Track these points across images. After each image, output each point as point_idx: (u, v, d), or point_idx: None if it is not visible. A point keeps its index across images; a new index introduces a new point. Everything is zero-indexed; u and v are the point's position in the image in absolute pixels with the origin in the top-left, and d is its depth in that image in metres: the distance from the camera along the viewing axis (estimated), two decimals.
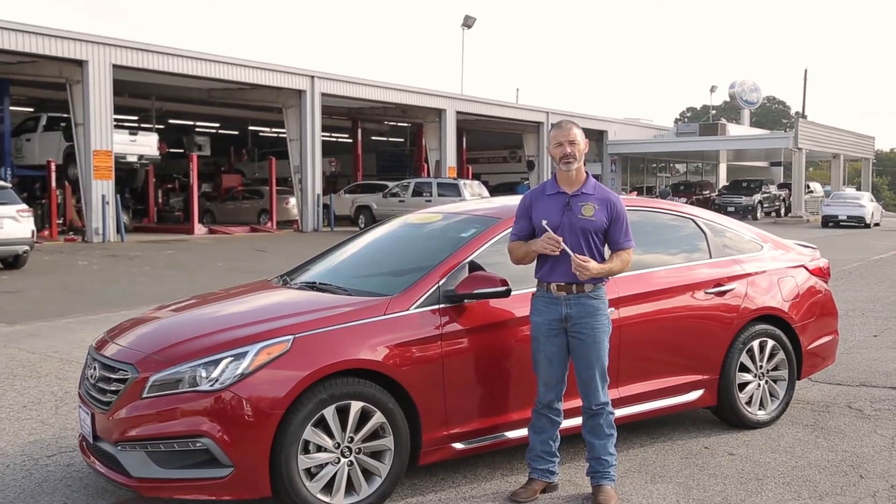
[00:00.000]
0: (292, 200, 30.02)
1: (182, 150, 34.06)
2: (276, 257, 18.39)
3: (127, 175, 27.71)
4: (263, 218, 30.38)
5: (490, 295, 4.31)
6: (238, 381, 3.83)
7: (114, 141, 23.15)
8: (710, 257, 5.49)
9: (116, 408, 3.98)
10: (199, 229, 26.37)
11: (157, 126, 31.25)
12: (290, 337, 3.97)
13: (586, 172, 4.28)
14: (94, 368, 4.28)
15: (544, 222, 4.13)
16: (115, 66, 23.08)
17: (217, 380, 3.85)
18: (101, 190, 22.62)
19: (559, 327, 4.21)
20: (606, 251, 4.28)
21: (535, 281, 4.32)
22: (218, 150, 38.05)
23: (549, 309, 4.21)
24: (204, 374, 3.86)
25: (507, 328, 4.49)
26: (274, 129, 39.55)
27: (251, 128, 40.19)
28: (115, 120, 24.22)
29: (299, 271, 5.39)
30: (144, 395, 3.91)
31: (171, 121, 35.58)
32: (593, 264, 4.10)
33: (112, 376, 4.11)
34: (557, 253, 4.09)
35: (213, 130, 39.29)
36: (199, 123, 37.60)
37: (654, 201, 5.81)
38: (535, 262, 4.29)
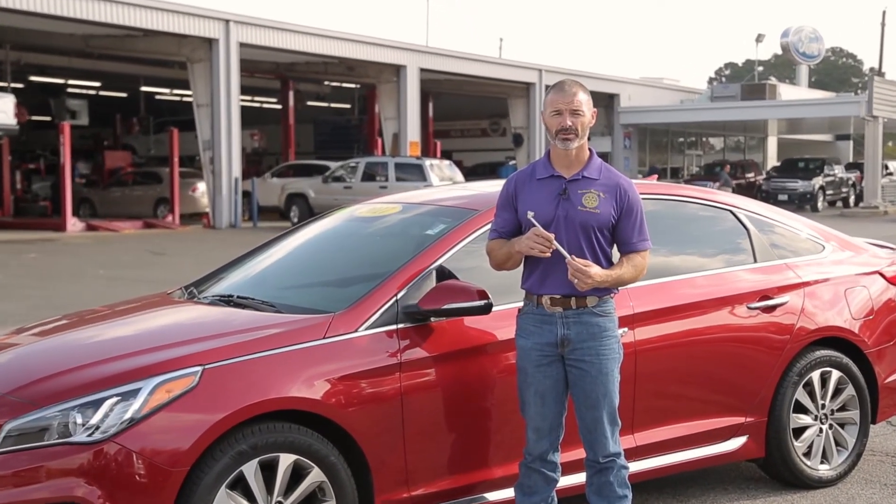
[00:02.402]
0: (201, 186, 29.88)
1: (49, 118, 33.70)
2: (179, 263, 18.29)
3: None
4: (162, 210, 30.20)
5: (464, 311, 4.33)
6: (126, 428, 3.81)
7: None
8: (755, 261, 5.55)
9: None
10: (74, 225, 26.15)
11: (13, 85, 30.91)
12: (198, 368, 3.97)
13: (590, 150, 4.31)
14: None
15: (530, 215, 4.15)
16: None
17: (97, 427, 3.82)
18: None
19: (554, 354, 4.23)
20: (615, 253, 4.31)
21: (522, 292, 4.34)
22: (99, 118, 37.68)
23: (541, 330, 4.23)
24: (79, 421, 3.84)
25: (487, 355, 4.51)
26: (176, 92, 39.28)
27: (144, 89, 39.89)
28: None
29: (211, 281, 5.38)
30: None
31: (34, 78, 35.21)
32: (596, 270, 4.12)
33: None
34: (548, 255, 4.11)
35: (93, 92, 38.95)
36: (72, 82, 37.24)
37: (679, 187, 5.86)
38: (521, 267, 4.32)
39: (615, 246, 4.30)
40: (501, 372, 4.50)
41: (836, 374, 5.58)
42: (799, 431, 5.49)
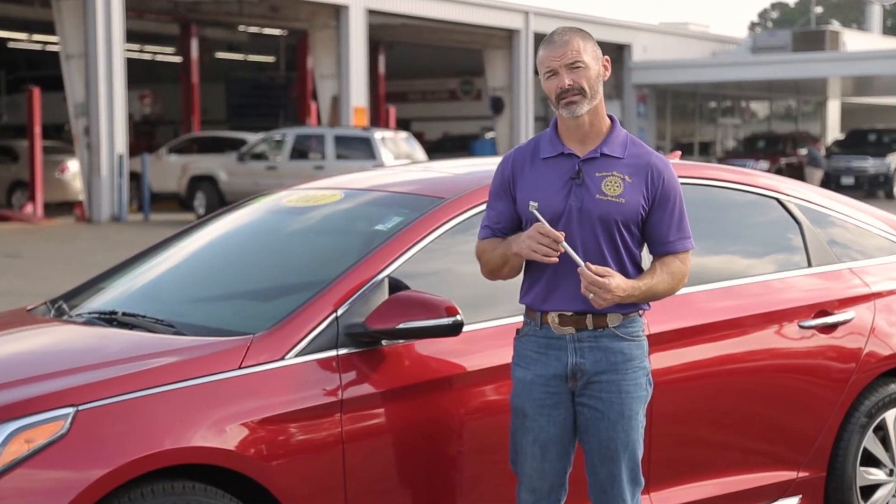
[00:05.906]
0: (73, 166, 29.69)
1: None
2: (43, 268, 18.20)
3: None
4: (19, 197, 29.99)
5: (426, 332, 4.33)
6: None
7: None
8: (809, 264, 5.59)
9: None
10: None
11: None
12: (69, 410, 3.95)
13: (610, 118, 4.29)
14: None
15: (532, 206, 4.12)
16: None
17: None
18: None
19: (562, 390, 4.22)
20: (646, 256, 4.30)
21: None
22: None
23: (546, 357, 4.22)
24: None
25: (455, 390, 4.52)
26: (36, 38, 39.08)
27: None
28: None
29: (87, 293, 5.37)
30: None
31: None
32: (618, 281, 4.07)
33: None
34: (555, 259, 4.09)
35: None
36: None
37: (709, 168, 5.88)
38: (521, 276, 4.31)
39: (645, 246, 4.31)
40: (474, 412, 4.52)
41: None
42: (869, 490, 5.54)
